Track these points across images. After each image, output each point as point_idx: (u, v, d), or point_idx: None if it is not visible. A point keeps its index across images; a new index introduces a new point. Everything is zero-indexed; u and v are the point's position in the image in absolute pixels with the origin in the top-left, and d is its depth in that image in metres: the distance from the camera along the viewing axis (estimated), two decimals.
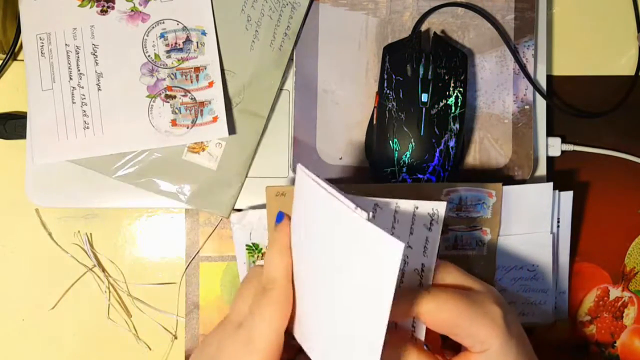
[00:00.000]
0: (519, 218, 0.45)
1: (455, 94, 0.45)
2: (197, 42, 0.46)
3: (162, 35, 0.46)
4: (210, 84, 0.46)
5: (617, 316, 0.51)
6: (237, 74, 0.47)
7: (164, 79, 0.46)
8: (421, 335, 0.34)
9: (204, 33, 0.46)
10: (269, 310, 0.32)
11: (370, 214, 0.26)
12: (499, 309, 0.33)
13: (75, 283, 0.49)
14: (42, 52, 0.46)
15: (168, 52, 0.46)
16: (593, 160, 0.51)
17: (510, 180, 0.47)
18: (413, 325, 0.34)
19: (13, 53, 0.48)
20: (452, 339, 0.34)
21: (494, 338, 0.32)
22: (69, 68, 0.45)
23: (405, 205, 0.31)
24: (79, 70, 0.45)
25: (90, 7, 0.46)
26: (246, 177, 0.47)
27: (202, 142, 0.46)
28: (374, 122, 0.46)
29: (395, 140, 0.45)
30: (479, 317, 0.32)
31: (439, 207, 0.30)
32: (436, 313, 0.32)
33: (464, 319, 0.32)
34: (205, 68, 0.46)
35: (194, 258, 0.49)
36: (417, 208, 0.31)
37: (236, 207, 0.47)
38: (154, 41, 0.46)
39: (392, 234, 0.25)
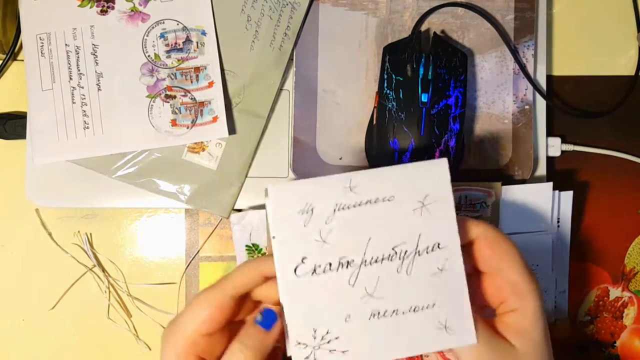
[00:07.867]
0: (519, 218, 0.45)
1: (455, 94, 0.45)
2: (197, 42, 0.46)
3: (162, 36, 0.46)
4: (210, 84, 0.46)
5: (617, 316, 0.51)
6: (237, 74, 0.47)
7: (164, 79, 0.46)
8: None
9: (204, 33, 0.46)
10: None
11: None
12: (538, 288, 0.33)
13: (75, 283, 0.49)
14: (42, 52, 0.45)
15: (168, 52, 0.46)
16: (593, 160, 0.51)
17: (510, 180, 0.47)
18: None
19: (13, 53, 0.48)
20: (487, 280, 0.33)
21: (532, 300, 0.32)
22: (69, 68, 0.45)
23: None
24: (79, 70, 0.45)
25: (90, 7, 0.46)
26: (246, 177, 0.47)
27: (202, 142, 0.46)
28: (374, 122, 0.46)
29: (395, 140, 0.45)
30: (526, 274, 0.32)
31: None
32: (495, 239, 0.32)
33: (517, 263, 0.32)
34: (205, 68, 0.46)
35: (193, 258, 0.49)
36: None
37: (236, 207, 0.47)
38: (154, 41, 0.46)
39: None
